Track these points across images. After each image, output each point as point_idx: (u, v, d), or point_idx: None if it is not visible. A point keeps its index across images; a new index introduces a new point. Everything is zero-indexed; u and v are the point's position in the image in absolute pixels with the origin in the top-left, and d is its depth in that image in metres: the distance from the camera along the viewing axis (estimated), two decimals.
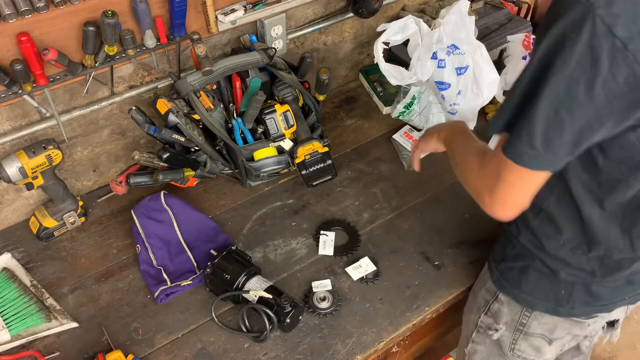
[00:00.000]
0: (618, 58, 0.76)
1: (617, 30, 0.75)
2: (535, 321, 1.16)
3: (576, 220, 1.02)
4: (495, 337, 1.23)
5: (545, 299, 1.13)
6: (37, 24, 1.19)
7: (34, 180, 1.34)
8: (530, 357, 1.23)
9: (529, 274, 1.13)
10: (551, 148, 0.84)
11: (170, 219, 1.44)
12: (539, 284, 1.12)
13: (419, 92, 1.66)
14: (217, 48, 1.55)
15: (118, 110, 1.48)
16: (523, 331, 1.19)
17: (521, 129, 0.85)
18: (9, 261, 1.37)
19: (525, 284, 1.14)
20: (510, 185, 0.91)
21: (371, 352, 1.23)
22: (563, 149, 0.85)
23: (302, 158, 1.48)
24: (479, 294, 1.27)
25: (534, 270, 1.12)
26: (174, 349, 1.23)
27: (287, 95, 1.49)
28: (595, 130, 0.83)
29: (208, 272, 1.28)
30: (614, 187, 0.94)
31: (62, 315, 1.28)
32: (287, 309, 1.20)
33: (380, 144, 1.70)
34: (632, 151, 0.88)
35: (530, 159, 0.86)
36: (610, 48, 0.76)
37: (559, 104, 0.81)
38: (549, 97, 0.81)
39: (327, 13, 1.71)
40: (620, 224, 0.99)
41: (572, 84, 0.79)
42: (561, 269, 1.08)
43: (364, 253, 1.40)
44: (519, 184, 0.91)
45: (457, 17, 1.52)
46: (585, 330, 1.18)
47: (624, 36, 0.75)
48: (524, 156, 0.86)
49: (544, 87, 0.81)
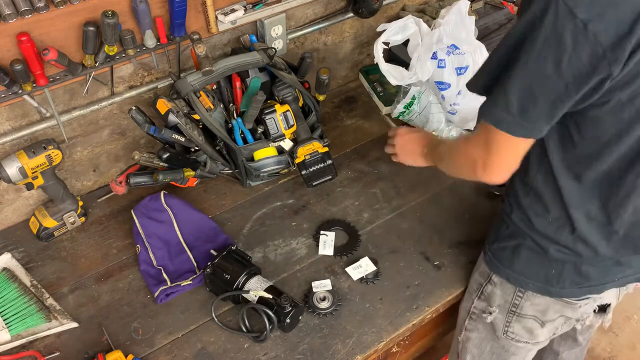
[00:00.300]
0: (580, 37, 0.83)
1: (578, 12, 0.82)
2: (528, 302, 1.19)
3: (560, 198, 1.06)
4: (489, 320, 1.25)
5: (537, 278, 1.15)
6: (37, 24, 1.19)
7: (34, 180, 1.34)
8: (523, 340, 1.26)
9: (520, 253, 1.16)
10: (528, 117, 0.92)
11: (170, 219, 1.44)
12: (530, 262, 1.15)
13: (419, 92, 1.66)
14: (217, 48, 1.55)
15: (118, 110, 1.48)
16: (516, 312, 1.21)
17: (498, 96, 0.94)
18: (9, 261, 1.37)
19: (517, 263, 1.17)
20: (497, 151, 0.99)
21: (371, 352, 1.23)
22: (540, 118, 0.93)
23: (302, 158, 1.48)
24: (472, 280, 1.31)
25: (525, 248, 1.15)
26: (174, 349, 1.23)
27: (287, 95, 1.49)
28: (565, 102, 0.90)
29: (208, 272, 1.28)
30: (589, 163, 1.00)
31: (62, 315, 1.28)
32: (287, 309, 1.20)
33: (380, 144, 1.69)
34: (603, 128, 0.95)
35: (509, 125, 0.94)
36: (572, 28, 0.83)
37: (531, 79, 0.89)
38: (522, 73, 0.90)
39: (327, 13, 1.71)
40: (597, 197, 1.04)
41: (541, 62, 0.87)
42: (550, 247, 1.11)
43: (364, 253, 1.40)
44: (505, 148, 0.99)
45: (457, 17, 1.52)
46: (576, 313, 1.20)
47: (584, 17, 0.82)
48: (504, 122, 0.94)
49: (517, 62, 0.90)
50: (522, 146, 0.98)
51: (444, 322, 1.58)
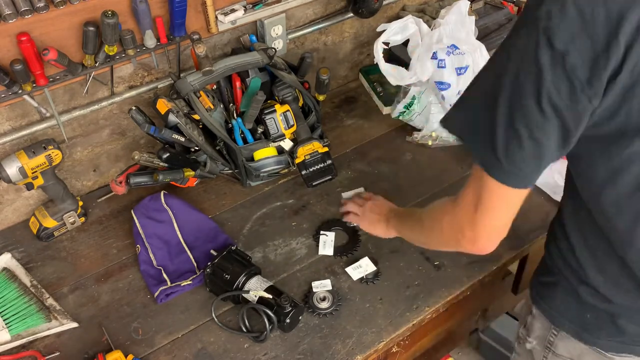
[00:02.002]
0: (558, 69, 0.78)
1: (556, 42, 0.77)
2: (562, 342, 1.13)
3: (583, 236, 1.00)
4: (529, 347, 1.21)
5: (572, 320, 1.09)
6: (37, 24, 1.19)
7: (34, 180, 1.34)
8: None
9: (557, 291, 1.10)
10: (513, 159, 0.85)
11: (170, 219, 1.44)
12: (566, 302, 1.09)
13: (419, 92, 1.66)
14: (217, 48, 1.55)
15: (118, 110, 1.48)
16: (551, 350, 1.16)
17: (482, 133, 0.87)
18: (9, 261, 1.37)
19: (553, 300, 1.11)
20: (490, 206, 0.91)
21: (371, 352, 1.23)
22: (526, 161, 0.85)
23: (302, 158, 1.48)
24: (524, 305, 1.27)
25: (561, 287, 1.09)
26: (174, 349, 1.23)
27: (287, 95, 1.49)
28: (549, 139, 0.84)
29: (208, 272, 1.28)
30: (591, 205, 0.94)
31: (62, 315, 1.28)
32: (287, 309, 1.20)
33: (380, 144, 1.70)
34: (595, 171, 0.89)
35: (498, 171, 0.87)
36: (549, 58, 0.78)
37: (513, 113, 0.83)
38: (504, 106, 0.83)
39: (327, 13, 1.71)
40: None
41: (523, 94, 0.81)
42: (580, 287, 1.04)
43: (364, 253, 1.40)
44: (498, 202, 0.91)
45: (457, 17, 1.52)
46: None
47: (562, 49, 0.77)
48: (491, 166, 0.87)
49: (499, 95, 0.83)
50: (513, 199, 0.90)
51: (444, 322, 1.58)
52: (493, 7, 1.93)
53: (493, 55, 0.88)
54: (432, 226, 1.11)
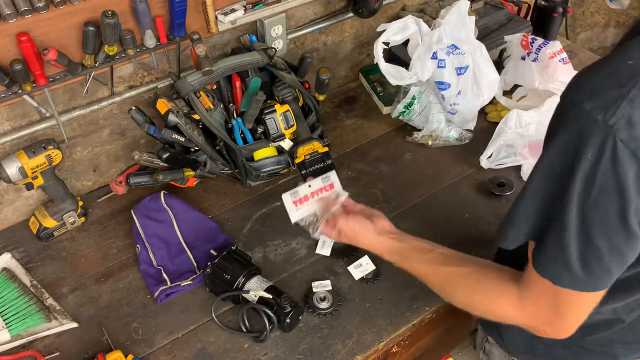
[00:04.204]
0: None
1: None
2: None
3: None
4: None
5: (525, 351, 1.08)
6: (37, 24, 1.19)
7: (33, 180, 1.34)
8: None
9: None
10: (592, 272, 0.77)
11: (170, 219, 1.44)
12: (518, 335, 1.05)
13: (419, 92, 1.66)
14: (217, 48, 1.55)
15: (118, 110, 1.48)
16: None
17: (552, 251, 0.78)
18: (8, 261, 1.37)
19: (504, 332, 1.10)
20: (570, 315, 0.84)
21: (371, 352, 1.23)
22: (608, 273, 0.78)
23: (302, 158, 1.48)
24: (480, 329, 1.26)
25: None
26: (174, 349, 1.23)
27: (287, 95, 1.49)
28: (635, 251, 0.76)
29: (208, 272, 1.28)
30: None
31: (62, 315, 1.28)
32: (287, 309, 1.20)
33: (380, 144, 1.70)
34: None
35: (574, 282, 0.79)
36: (635, 173, 0.69)
37: (592, 232, 0.74)
38: (578, 225, 0.74)
39: (327, 13, 1.71)
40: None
41: (601, 212, 0.72)
42: None
43: (363, 252, 1.39)
44: (577, 310, 0.83)
45: (457, 17, 1.52)
46: None
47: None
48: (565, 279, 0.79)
49: (567, 211, 0.74)
50: (594, 299, 0.82)
51: (444, 322, 1.58)
52: (493, 7, 1.93)
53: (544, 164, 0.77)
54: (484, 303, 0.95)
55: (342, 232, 1.12)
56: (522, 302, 0.87)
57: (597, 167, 0.70)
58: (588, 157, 0.70)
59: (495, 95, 1.62)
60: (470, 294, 0.96)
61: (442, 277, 1.02)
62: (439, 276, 1.02)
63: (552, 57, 1.56)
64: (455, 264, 1.00)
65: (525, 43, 1.64)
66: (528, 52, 1.63)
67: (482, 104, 1.60)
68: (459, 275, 0.98)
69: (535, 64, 1.59)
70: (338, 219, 1.13)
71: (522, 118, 1.50)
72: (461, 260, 1.01)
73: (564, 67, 1.56)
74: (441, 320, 1.50)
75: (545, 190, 0.77)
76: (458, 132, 1.67)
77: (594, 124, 0.69)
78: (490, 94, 1.58)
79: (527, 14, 1.98)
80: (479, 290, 0.94)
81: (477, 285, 0.95)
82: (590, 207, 0.73)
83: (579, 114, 0.70)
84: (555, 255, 0.78)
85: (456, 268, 0.99)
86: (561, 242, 0.76)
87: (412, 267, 1.06)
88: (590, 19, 2.89)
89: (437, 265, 1.02)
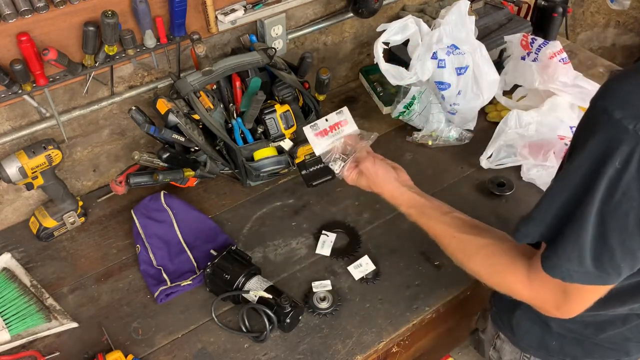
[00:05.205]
0: None
1: None
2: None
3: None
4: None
5: (537, 347, 1.08)
6: (37, 24, 1.19)
7: (34, 180, 1.34)
8: None
9: (520, 318, 1.08)
10: (604, 268, 0.79)
11: (170, 219, 1.44)
12: (530, 331, 1.07)
13: (419, 92, 1.66)
14: (217, 48, 1.55)
15: (118, 110, 1.48)
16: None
17: (567, 250, 0.79)
18: (8, 261, 1.37)
19: (517, 328, 1.10)
20: (577, 301, 0.86)
21: (371, 352, 1.23)
22: (618, 268, 0.79)
23: (302, 158, 1.47)
24: (489, 326, 1.25)
25: (522, 311, 1.07)
26: (174, 349, 1.23)
27: (287, 95, 1.49)
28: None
29: (208, 272, 1.28)
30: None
31: (62, 315, 1.28)
32: (287, 309, 1.20)
33: (380, 144, 1.69)
34: None
35: (583, 277, 0.81)
36: None
37: (607, 232, 0.76)
38: (596, 226, 0.76)
39: (327, 13, 1.71)
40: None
41: (620, 215, 0.74)
42: (550, 320, 1.02)
43: (363, 252, 1.40)
44: (585, 298, 0.86)
45: (457, 17, 1.52)
46: None
47: None
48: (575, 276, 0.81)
49: (587, 213, 0.75)
50: (602, 290, 0.85)
51: (444, 322, 1.58)
52: (493, 7, 1.93)
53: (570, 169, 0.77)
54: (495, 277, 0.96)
55: (366, 173, 1.13)
56: (531, 283, 0.88)
57: (622, 175, 0.71)
58: (615, 165, 0.71)
59: (495, 95, 1.62)
60: (483, 265, 0.97)
61: (457, 243, 1.01)
62: (455, 241, 1.02)
63: (552, 57, 1.56)
64: (473, 232, 1.00)
65: (525, 43, 1.64)
66: (528, 52, 1.63)
67: (482, 104, 1.60)
68: (474, 245, 0.98)
69: (535, 64, 1.59)
70: (365, 160, 1.13)
71: (522, 118, 1.50)
72: (479, 230, 1.01)
73: (564, 67, 1.56)
74: (441, 320, 1.50)
75: (567, 194, 0.78)
76: (458, 132, 1.67)
77: (623, 133, 0.69)
78: (490, 94, 1.58)
79: (527, 14, 1.98)
80: (492, 264, 0.95)
81: (491, 258, 0.95)
82: (610, 210, 0.74)
83: (608, 121, 0.71)
84: (569, 255, 0.79)
85: (473, 237, 0.99)
86: (578, 242, 0.78)
87: (428, 225, 1.06)
88: (590, 19, 2.89)
89: (454, 230, 1.02)
